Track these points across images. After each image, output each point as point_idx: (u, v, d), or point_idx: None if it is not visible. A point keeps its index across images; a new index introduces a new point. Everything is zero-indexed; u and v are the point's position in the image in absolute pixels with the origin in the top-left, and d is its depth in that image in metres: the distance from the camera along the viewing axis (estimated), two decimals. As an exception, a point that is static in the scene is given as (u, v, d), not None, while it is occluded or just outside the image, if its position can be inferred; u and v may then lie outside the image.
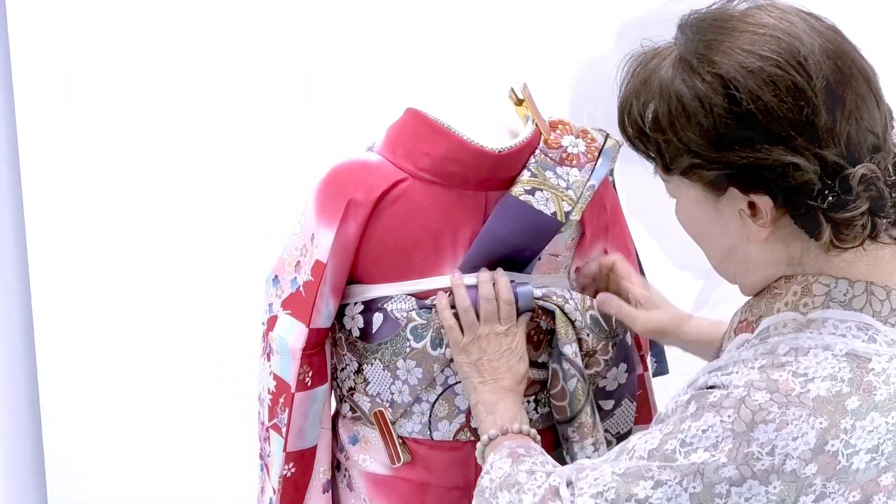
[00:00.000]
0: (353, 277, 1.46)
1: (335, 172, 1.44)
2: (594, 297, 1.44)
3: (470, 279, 1.42)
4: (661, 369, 1.63)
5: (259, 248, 2.28)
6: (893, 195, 1.02)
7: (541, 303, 1.43)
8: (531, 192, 1.41)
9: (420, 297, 1.44)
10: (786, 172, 0.99)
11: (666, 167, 1.07)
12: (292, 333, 1.45)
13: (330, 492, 1.54)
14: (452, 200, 1.41)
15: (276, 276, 1.49)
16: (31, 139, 2.37)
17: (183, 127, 2.38)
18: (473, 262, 1.42)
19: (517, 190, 1.41)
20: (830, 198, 0.99)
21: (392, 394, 1.47)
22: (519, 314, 1.42)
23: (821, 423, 1.00)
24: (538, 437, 1.33)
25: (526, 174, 1.42)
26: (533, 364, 1.47)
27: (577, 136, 1.46)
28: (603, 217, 1.50)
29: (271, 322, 1.48)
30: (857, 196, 0.99)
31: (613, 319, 1.45)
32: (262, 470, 1.56)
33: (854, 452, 1.01)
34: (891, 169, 1.02)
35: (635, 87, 1.06)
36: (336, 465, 1.56)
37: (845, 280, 1.05)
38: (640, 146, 1.08)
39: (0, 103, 2.36)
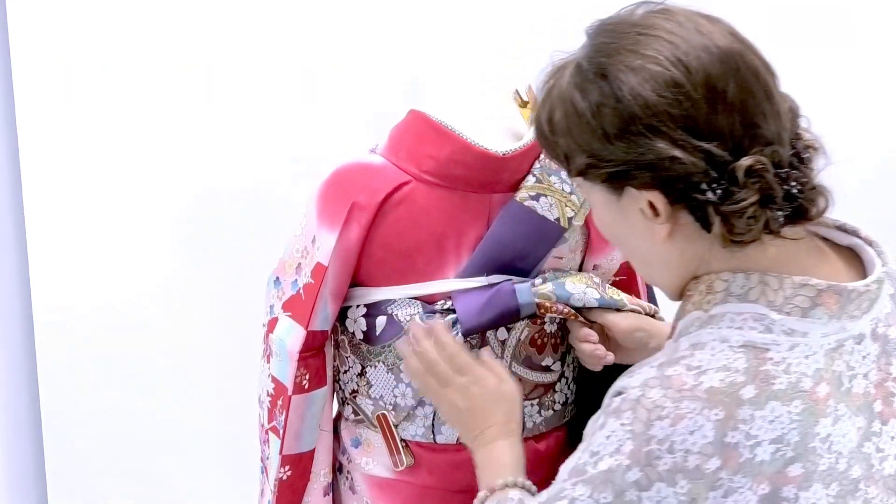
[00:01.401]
0: (356, 280, 1.45)
1: (338, 175, 1.43)
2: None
3: (471, 283, 1.42)
4: None
5: (260, 248, 2.27)
6: (791, 187, 1.02)
7: (544, 289, 1.43)
8: (535, 197, 1.41)
9: (424, 300, 1.43)
10: (669, 166, 1.01)
11: (569, 169, 1.10)
12: (290, 336, 1.44)
13: (331, 494, 1.54)
14: (456, 203, 1.41)
15: (278, 278, 1.49)
16: (31, 139, 2.37)
17: (183, 127, 2.38)
18: (477, 266, 1.42)
19: (522, 195, 1.41)
20: (719, 190, 1.01)
21: (395, 397, 1.46)
22: (520, 316, 1.42)
23: (716, 414, 0.99)
24: (525, 483, 1.25)
25: (531, 179, 1.42)
26: (537, 367, 1.47)
27: None
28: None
29: (272, 324, 1.48)
30: (744, 187, 1.00)
31: None
32: (262, 472, 1.56)
33: (757, 443, 1.00)
34: (790, 162, 1.03)
35: (542, 98, 1.11)
36: (338, 468, 1.56)
37: (742, 273, 1.05)
38: (550, 152, 1.12)
39: (0, 103, 2.36)
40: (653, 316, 1.48)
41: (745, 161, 1.00)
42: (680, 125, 1.00)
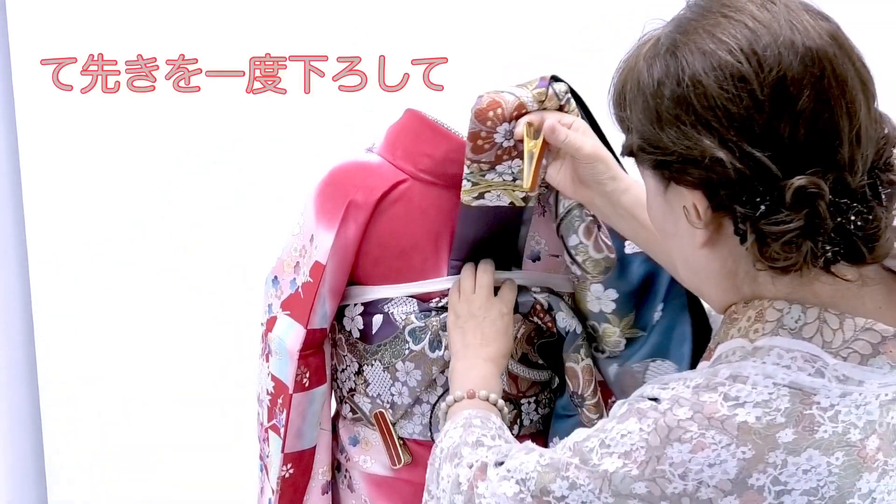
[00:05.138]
0: (353, 279, 1.46)
1: (335, 174, 1.43)
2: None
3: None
4: None
5: (258, 248, 2.28)
6: (849, 222, 0.91)
7: (539, 297, 1.43)
8: (480, 196, 1.37)
9: (420, 298, 1.44)
10: (712, 167, 0.91)
11: (623, 147, 1.01)
12: (290, 334, 1.44)
13: (329, 493, 1.54)
14: (452, 201, 1.41)
15: (276, 277, 1.49)
16: (31, 139, 2.37)
17: (183, 127, 2.38)
18: (455, 266, 1.43)
19: (466, 199, 1.37)
20: (762, 206, 0.90)
21: (392, 395, 1.46)
22: (518, 309, 1.43)
23: (744, 452, 0.90)
24: (504, 410, 1.28)
25: (466, 184, 1.35)
26: (533, 365, 1.47)
27: (510, 120, 1.30)
28: None
29: (270, 323, 1.48)
30: (790, 209, 0.89)
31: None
32: (261, 471, 1.56)
33: (785, 491, 0.90)
34: (861, 194, 0.92)
35: (621, 68, 1.01)
36: (336, 467, 1.56)
37: (799, 305, 0.94)
38: (622, 125, 1.02)
39: (0, 103, 2.36)
40: None
41: (798, 181, 0.88)
42: (735, 125, 0.89)
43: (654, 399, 0.96)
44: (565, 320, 1.44)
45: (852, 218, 0.91)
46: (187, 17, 2.34)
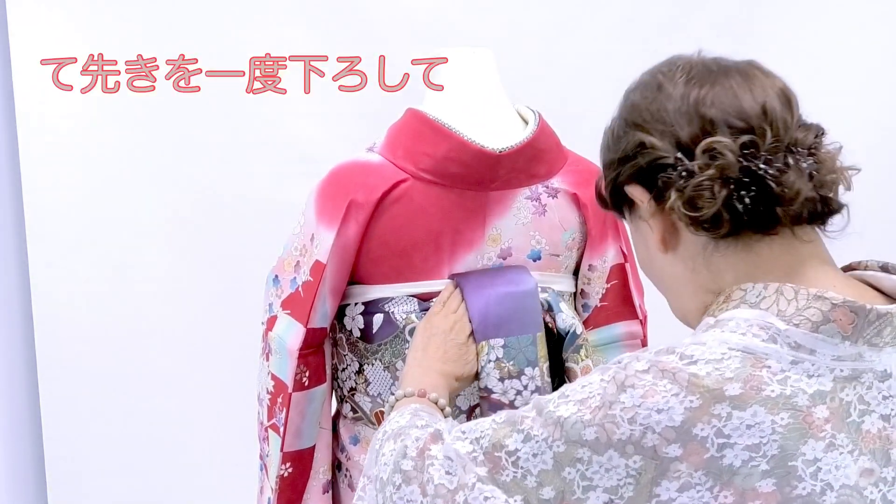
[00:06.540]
0: (354, 278, 1.46)
1: (336, 173, 1.44)
2: None
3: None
4: None
5: (258, 247, 2.28)
6: (761, 170, 1.00)
7: (540, 296, 1.44)
8: None
9: (421, 298, 1.44)
10: (642, 152, 1.05)
11: (598, 200, 1.16)
12: (290, 334, 1.45)
13: (330, 492, 1.54)
14: (453, 201, 1.41)
15: (276, 277, 1.49)
16: (31, 139, 2.37)
17: (183, 127, 2.38)
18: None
19: None
20: (684, 172, 1.02)
21: (393, 394, 1.46)
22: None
23: (691, 401, 0.94)
24: (450, 418, 1.28)
25: None
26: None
27: None
28: (607, 213, 1.50)
29: (271, 322, 1.48)
30: (702, 161, 1.01)
31: None
32: (261, 470, 1.56)
33: (728, 444, 0.94)
34: (775, 154, 1.01)
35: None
36: (337, 466, 1.56)
37: (762, 283, 1.02)
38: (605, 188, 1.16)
39: (0, 103, 2.36)
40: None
41: (708, 139, 1.01)
42: (655, 118, 1.05)
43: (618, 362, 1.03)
44: (566, 320, 1.44)
45: (762, 166, 1.00)
46: (187, 17, 2.34)
